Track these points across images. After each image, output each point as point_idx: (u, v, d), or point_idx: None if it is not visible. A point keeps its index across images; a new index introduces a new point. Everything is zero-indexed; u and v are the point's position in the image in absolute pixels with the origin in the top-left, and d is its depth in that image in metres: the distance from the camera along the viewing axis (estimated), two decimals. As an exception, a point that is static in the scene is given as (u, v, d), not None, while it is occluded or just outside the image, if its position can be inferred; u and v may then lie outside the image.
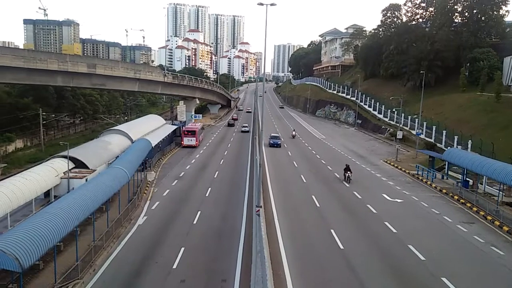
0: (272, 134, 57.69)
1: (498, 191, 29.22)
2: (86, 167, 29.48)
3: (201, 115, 79.05)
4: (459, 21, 74.43)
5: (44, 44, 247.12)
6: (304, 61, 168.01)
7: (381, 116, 73.46)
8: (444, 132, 47.53)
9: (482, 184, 32.21)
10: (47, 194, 25.96)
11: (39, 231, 14.41)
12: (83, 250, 18.84)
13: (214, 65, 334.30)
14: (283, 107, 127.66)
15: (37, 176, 24.35)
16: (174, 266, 18.30)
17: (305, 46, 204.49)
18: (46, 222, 15.16)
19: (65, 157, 28.00)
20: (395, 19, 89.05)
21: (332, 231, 22.45)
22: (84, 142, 43.67)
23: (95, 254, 18.94)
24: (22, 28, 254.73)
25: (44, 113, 52.74)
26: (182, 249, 20.09)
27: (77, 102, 67.77)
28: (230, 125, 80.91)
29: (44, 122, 53.29)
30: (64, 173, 26.94)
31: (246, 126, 74.44)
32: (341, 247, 20.27)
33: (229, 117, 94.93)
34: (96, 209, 20.49)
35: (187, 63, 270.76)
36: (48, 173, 25.65)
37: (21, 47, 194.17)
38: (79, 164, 29.45)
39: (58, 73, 45.47)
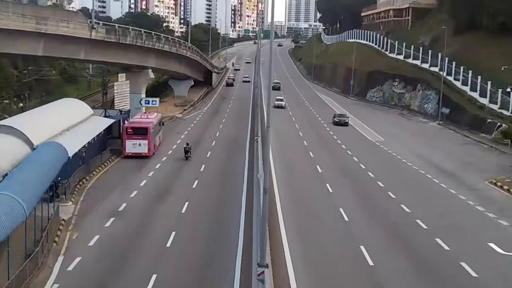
0: None
1: None
2: None
3: (158, 99, 49.56)
4: None
5: None
6: (344, 2, 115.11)
7: (485, 101, 49.35)
8: None
9: None
10: None
11: None
12: None
13: (182, 9, 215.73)
14: (346, 123, 50.19)
15: None
16: None
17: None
18: None
19: None
20: None
21: None
22: None
23: None
24: None
25: None
26: None
27: None
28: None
29: None
30: None
31: (247, 77, 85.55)
32: None
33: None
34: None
35: (134, 6, 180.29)
36: None
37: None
38: None
39: None
